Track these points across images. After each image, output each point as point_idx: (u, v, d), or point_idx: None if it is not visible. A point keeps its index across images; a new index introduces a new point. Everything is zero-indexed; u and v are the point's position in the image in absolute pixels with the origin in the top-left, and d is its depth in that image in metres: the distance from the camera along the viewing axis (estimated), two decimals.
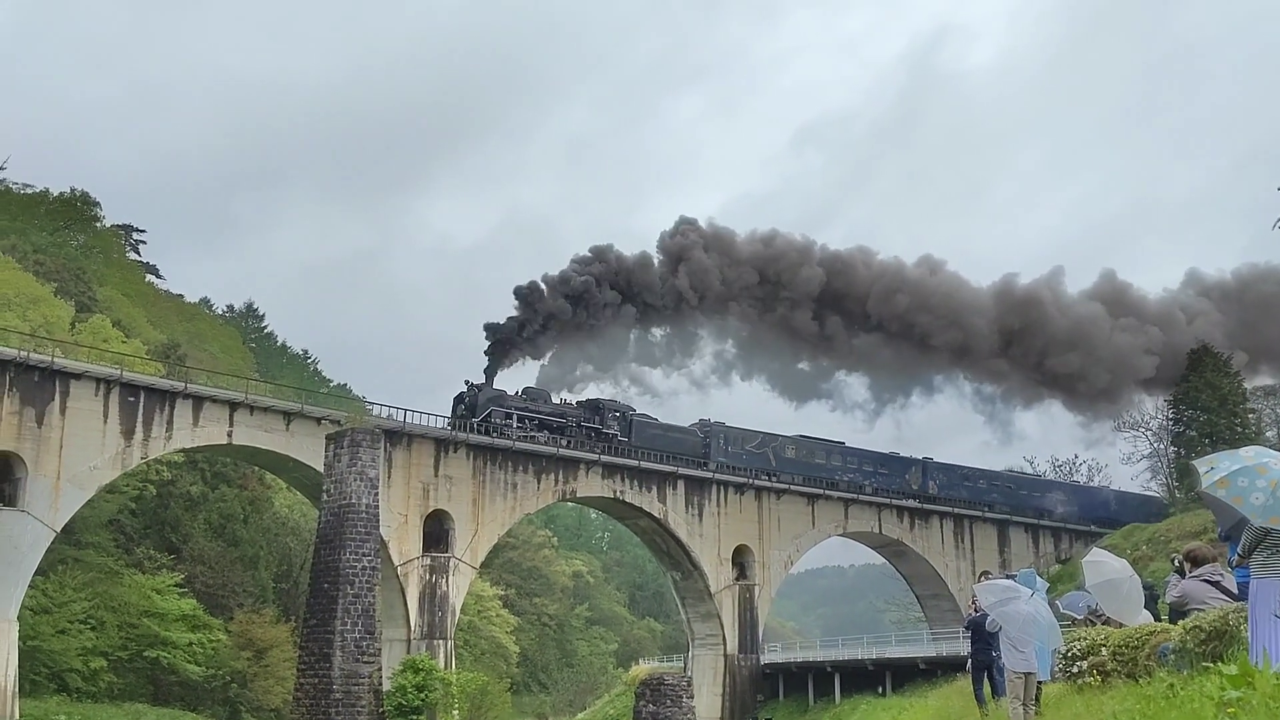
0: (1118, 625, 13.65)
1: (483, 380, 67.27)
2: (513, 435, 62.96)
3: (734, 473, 70.91)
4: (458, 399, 64.60)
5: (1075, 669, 13.18)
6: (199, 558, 71.12)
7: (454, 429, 61.76)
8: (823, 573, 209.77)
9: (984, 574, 20.82)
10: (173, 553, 70.24)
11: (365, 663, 47.57)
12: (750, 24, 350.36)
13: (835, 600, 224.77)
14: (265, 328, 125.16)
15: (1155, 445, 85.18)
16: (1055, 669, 13.73)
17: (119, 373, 52.06)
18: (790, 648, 77.81)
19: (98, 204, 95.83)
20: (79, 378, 50.58)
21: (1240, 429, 73.62)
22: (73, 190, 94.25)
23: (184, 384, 54.32)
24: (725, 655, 68.66)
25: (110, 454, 50.98)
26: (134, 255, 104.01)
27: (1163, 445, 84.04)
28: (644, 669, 68.36)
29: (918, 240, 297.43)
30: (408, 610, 57.51)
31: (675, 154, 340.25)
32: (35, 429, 48.76)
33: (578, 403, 69.50)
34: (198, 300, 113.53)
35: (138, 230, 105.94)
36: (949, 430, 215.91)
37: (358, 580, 48.46)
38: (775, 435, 74.73)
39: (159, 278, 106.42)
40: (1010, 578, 15.12)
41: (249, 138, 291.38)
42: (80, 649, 58.25)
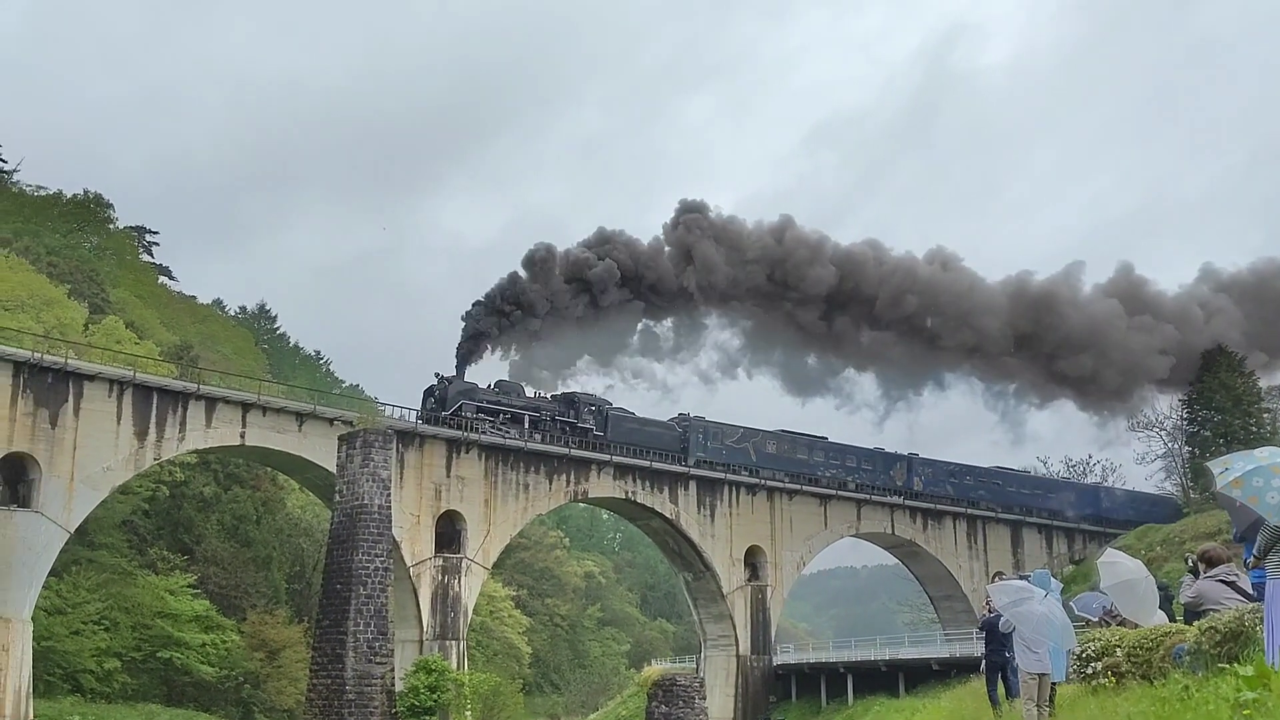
0: (1133, 626, 13.58)
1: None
2: (484, 429, 61.69)
3: (712, 468, 69.74)
4: (427, 392, 63.16)
5: (1090, 670, 13.12)
6: (212, 559, 71.34)
7: (423, 422, 60.55)
8: (835, 574, 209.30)
9: (998, 574, 20.77)
10: (186, 554, 70.50)
11: (378, 663, 47.64)
12: (762, 23, 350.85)
13: (848, 601, 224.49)
14: (277, 329, 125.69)
15: (1169, 445, 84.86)
16: (1070, 670, 13.66)
17: (132, 374, 52.19)
18: (803, 649, 77.57)
19: (111, 206, 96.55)
20: (92, 379, 50.72)
21: (1255, 429, 73.42)
22: (86, 192, 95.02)
23: (197, 385, 54.39)
24: (738, 656, 68.50)
25: (123, 455, 51.09)
26: (147, 257, 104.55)
27: (1177, 445, 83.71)
28: (656, 670, 68.12)
29: (930, 240, 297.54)
30: (420, 611, 57.52)
31: (687, 154, 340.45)
32: (49, 430, 48.92)
33: (552, 396, 68.04)
34: (210, 302, 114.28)
35: (150, 232, 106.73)
36: (961, 430, 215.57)
37: (370, 581, 48.54)
38: (756, 430, 73.61)
39: (172, 279, 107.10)
40: (1024, 578, 15.05)
41: (261, 139, 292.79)
42: (94, 650, 58.53)
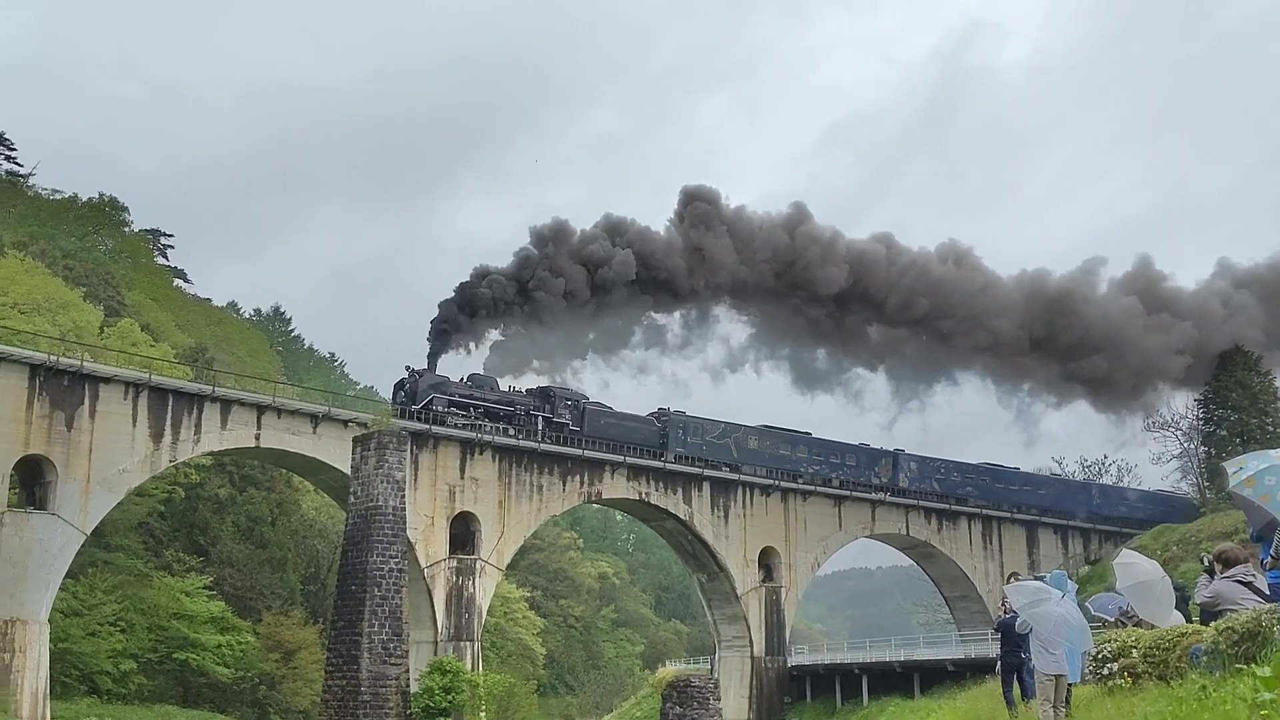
0: (1149, 627, 13.52)
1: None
2: (455, 423, 60.92)
3: (692, 463, 69.12)
4: (398, 385, 62.12)
5: (1106, 671, 13.09)
6: (227, 560, 71.57)
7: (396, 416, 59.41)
8: (850, 574, 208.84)
9: (1013, 575, 20.70)
10: (201, 555, 70.73)
11: (393, 664, 47.69)
12: (778, 23, 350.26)
13: (862, 602, 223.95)
14: (292, 331, 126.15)
15: (1185, 445, 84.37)
16: (1086, 671, 13.61)
17: (148, 376, 52.30)
18: (817, 650, 77.28)
19: (125, 209, 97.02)
20: (108, 381, 50.88)
21: (1272, 428, 73.08)
22: (101, 195, 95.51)
23: (212, 387, 54.49)
24: (752, 657, 68.40)
25: (139, 457, 51.24)
26: (161, 259, 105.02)
27: (1193, 445, 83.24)
28: (670, 671, 68.14)
29: (945, 239, 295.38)
30: (435, 612, 57.60)
31: (702, 154, 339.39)
32: (65, 432, 49.10)
33: (527, 390, 67.02)
34: (225, 304, 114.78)
35: (165, 234, 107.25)
36: (975, 430, 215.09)
37: (385, 582, 48.58)
38: (738, 425, 72.87)
39: (186, 282, 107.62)
40: (1040, 579, 15.00)
41: (275, 141, 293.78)
42: (110, 651, 58.76)
